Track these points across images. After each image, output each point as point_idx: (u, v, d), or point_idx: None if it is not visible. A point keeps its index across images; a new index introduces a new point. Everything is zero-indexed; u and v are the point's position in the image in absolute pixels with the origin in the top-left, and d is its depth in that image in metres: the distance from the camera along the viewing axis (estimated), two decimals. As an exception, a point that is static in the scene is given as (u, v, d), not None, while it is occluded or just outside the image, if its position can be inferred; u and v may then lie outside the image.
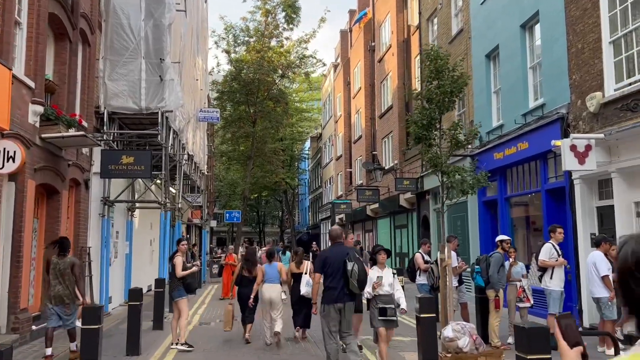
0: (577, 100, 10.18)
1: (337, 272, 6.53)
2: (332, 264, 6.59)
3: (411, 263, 10.77)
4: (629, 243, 1.34)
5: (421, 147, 8.52)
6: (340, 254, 6.64)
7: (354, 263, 6.46)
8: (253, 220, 62.60)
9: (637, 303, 1.28)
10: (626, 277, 1.30)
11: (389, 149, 24.62)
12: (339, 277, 6.50)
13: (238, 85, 27.39)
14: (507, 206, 13.35)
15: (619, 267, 1.34)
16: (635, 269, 1.28)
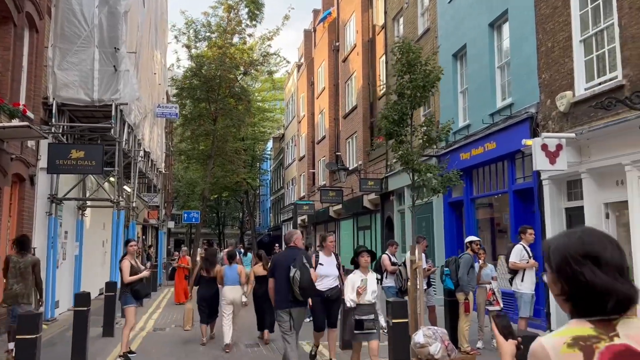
0: (546, 99, 10.03)
1: (284, 277, 6.47)
2: (280, 268, 6.57)
3: (377, 265, 10.39)
4: (562, 239, 1.57)
5: (392, 144, 8.14)
6: (288, 258, 6.56)
7: (296, 269, 6.35)
8: (212, 222, 61.35)
9: (587, 290, 1.46)
10: (572, 267, 1.50)
11: (353, 150, 24.32)
12: (285, 283, 6.44)
13: (198, 82, 26.52)
14: (473, 207, 13.17)
15: (560, 262, 1.52)
16: (580, 259, 1.49)
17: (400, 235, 17.77)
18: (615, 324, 1.47)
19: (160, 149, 22.86)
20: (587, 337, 1.45)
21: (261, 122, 43.08)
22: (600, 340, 1.44)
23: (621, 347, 1.43)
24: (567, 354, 1.44)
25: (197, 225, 26.30)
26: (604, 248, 1.52)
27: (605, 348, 1.43)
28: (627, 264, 1.57)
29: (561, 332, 1.51)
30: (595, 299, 1.47)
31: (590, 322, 1.48)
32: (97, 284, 15.80)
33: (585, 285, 1.47)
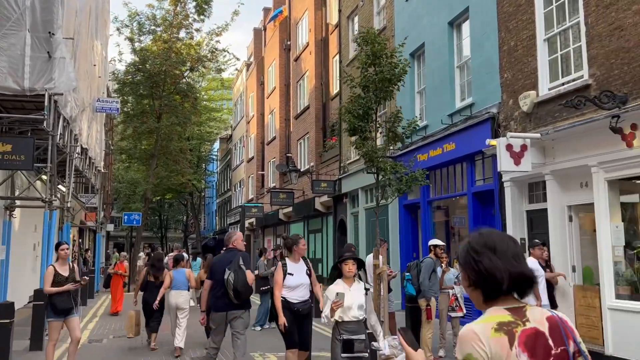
0: (508, 99, 9.81)
1: (219, 280, 6.34)
2: (217, 271, 6.45)
3: (334, 270, 9.83)
4: (467, 239, 1.86)
5: (355, 140, 7.61)
6: (225, 261, 6.43)
7: (231, 272, 6.21)
8: (155, 225, 59.22)
9: (487, 275, 1.74)
10: (473, 257, 1.78)
11: (304, 151, 23.75)
12: (221, 286, 6.31)
13: (142, 77, 25.31)
14: (429, 210, 12.87)
15: (465, 255, 1.81)
16: (480, 249, 1.77)
17: (353, 238, 17.33)
18: (524, 311, 1.74)
19: (99, 147, 21.46)
20: (508, 322, 1.69)
21: (207, 122, 41.86)
22: (518, 325, 1.70)
23: (532, 329, 1.71)
24: (494, 337, 1.67)
25: (139, 228, 24.99)
26: (501, 240, 1.79)
27: (521, 331, 1.69)
28: (523, 255, 1.80)
29: (486, 319, 1.73)
30: (495, 280, 1.73)
31: (506, 310, 1.73)
32: (27, 291, 14.46)
33: (485, 270, 1.74)
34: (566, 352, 1.72)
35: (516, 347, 1.66)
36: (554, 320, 1.76)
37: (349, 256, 5.32)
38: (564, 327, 1.76)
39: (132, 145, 27.29)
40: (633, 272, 7.32)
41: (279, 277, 6.21)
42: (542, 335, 1.70)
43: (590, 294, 8.11)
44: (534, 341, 1.68)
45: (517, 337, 1.67)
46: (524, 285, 1.76)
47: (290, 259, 6.39)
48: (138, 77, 25.73)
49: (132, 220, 22.75)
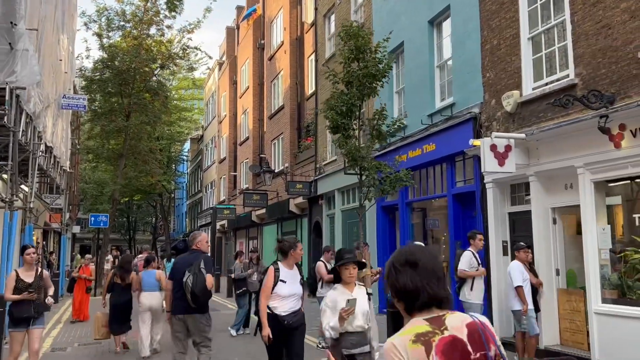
0: (490, 99, 9.63)
1: (180, 282, 6.18)
2: (177, 272, 6.28)
3: (312, 273, 9.49)
4: (394, 253, 2.03)
5: (338, 139, 7.27)
6: (187, 263, 6.26)
7: (190, 274, 6.08)
8: (122, 227, 57.79)
9: (404, 291, 1.88)
10: (393, 273, 1.93)
11: (278, 152, 23.34)
12: (179, 287, 6.16)
13: (110, 74, 24.49)
14: (408, 212, 12.63)
15: (387, 271, 1.99)
16: (399, 266, 1.92)
17: (329, 241, 17.01)
18: (444, 319, 1.83)
19: (65, 145, 20.63)
20: (425, 333, 1.79)
21: (178, 122, 41.01)
22: (435, 334, 1.78)
23: (450, 337, 1.79)
24: (412, 349, 1.76)
25: (106, 229, 24.14)
26: (422, 256, 1.91)
27: (439, 340, 1.77)
28: (442, 269, 1.92)
29: (405, 332, 1.83)
30: (412, 296, 1.86)
31: (425, 320, 1.83)
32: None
33: (404, 287, 1.88)
34: (486, 356, 1.80)
35: (433, 356, 1.74)
36: (473, 325, 1.85)
37: (350, 259, 4.60)
38: (485, 332, 1.85)
39: (100, 144, 26.38)
40: (620, 276, 7.17)
41: (268, 283, 5.39)
42: (460, 342, 1.79)
43: (575, 297, 7.96)
44: (452, 348, 1.77)
45: (434, 347, 1.76)
46: (441, 303, 1.87)
47: (284, 264, 5.56)
48: (106, 74, 24.91)
49: (99, 222, 21.92)
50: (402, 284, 1.88)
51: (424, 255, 1.92)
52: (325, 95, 17.74)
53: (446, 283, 1.91)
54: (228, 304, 16.66)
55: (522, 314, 7.38)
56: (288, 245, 5.62)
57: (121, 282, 9.31)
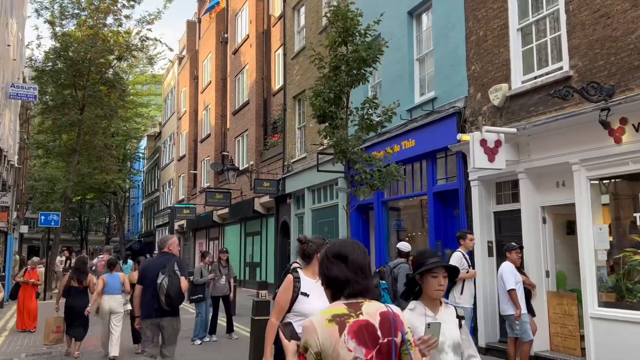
0: (476, 93, 9.21)
1: (151, 284, 6.01)
2: (148, 275, 6.10)
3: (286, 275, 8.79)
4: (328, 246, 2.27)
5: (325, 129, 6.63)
6: (158, 265, 6.09)
7: (165, 276, 5.93)
8: (74, 227, 55.36)
9: (334, 280, 2.14)
10: (326, 264, 2.18)
11: (243, 149, 22.50)
12: (152, 290, 5.98)
13: (64, 64, 23.05)
14: (384, 211, 12.11)
15: (321, 261, 2.23)
16: (332, 257, 2.16)
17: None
18: (361, 305, 2.11)
19: (12, 139, 19.21)
20: (341, 314, 2.07)
21: (134, 118, 39.45)
22: (350, 316, 2.06)
23: (363, 321, 2.06)
24: (327, 327, 2.04)
25: (57, 229, 22.67)
26: (352, 251, 2.18)
27: (353, 322, 2.05)
28: (369, 264, 2.20)
29: (325, 312, 2.11)
30: (340, 286, 2.14)
31: (345, 304, 2.11)
32: None
33: (333, 276, 2.15)
34: (392, 341, 2.05)
35: (345, 335, 2.01)
36: (386, 314, 2.08)
37: (437, 264, 2.89)
38: (394, 321, 2.08)
39: (51, 139, 24.83)
40: (619, 278, 6.83)
41: (285, 296, 3.89)
42: (371, 326, 2.04)
43: (567, 300, 7.59)
44: (364, 330, 2.02)
45: (347, 327, 2.01)
46: (365, 294, 2.12)
47: (307, 271, 4.02)
48: (59, 64, 23.45)
49: (50, 221, 20.45)
50: (334, 274, 2.14)
51: (354, 251, 2.17)
52: (294, 90, 17.09)
53: (371, 276, 2.17)
54: (189, 309, 15.77)
55: (515, 318, 6.93)
56: (314, 247, 4.02)
57: (78, 285, 9.02)
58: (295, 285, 3.88)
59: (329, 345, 2.01)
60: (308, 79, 16.05)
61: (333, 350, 2.00)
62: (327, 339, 2.01)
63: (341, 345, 2.00)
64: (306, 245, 4.10)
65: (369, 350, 2.02)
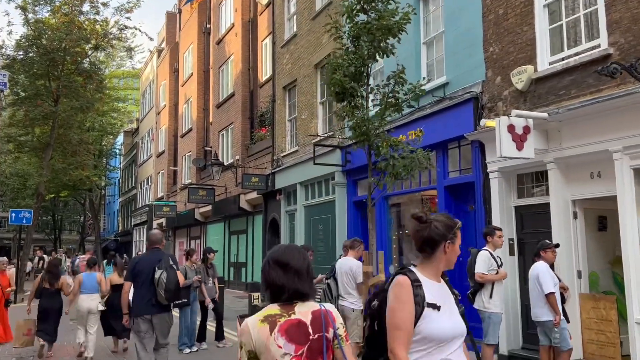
0: (495, 76, 8.43)
1: (146, 280, 6.04)
2: (142, 271, 6.12)
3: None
4: (271, 251, 2.44)
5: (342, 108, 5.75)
6: (152, 260, 6.13)
7: (162, 271, 6.00)
8: (47, 226, 53.39)
9: (272, 285, 2.33)
10: (266, 269, 2.36)
11: (228, 143, 21.46)
12: (148, 286, 6.02)
13: (37, 53, 21.72)
14: (386, 207, 11.29)
15: (263, 266, 2.41)
16: (272, 264, 2.35)
17: (287, 239, 15.43)
18: (294, 306, 2.29)
19: (-20, 130, 17.93)
20: (273, 315, 2.26)
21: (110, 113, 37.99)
22: (282, 316, 2.25)
23: (295, 320, 2.25)
24: (260, 327, 2.23)
25: (29, 228, 21.34)
26: (292, 257, 2.34)
27: (284, 321, 2.24)
28: (308, 269, 2.35)
29: (259, 314, 2.31)
30: (277, 290, 2.30)
31: (278, 305, 2.30)
32: None
33: (271, 282, 2.32)
34: (322, 337, 2.26)
35: (275, 333, 2.22)
36: (318, 312, 2.30)
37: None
38: (326, 318, 2.30)
39: (23, 132, 23.44)
40: (670, 279, 6.11)
41: (405, 315, 2.40)
42: (303, 325, 2.26)
43: (604, 304, 6.85)
44: (295, 328, 2.24)
45: (278, 326, 2.23)
46: (301, 297, 2.31)
47: (426, 270, 2.54)
48: (31, 53, 22.10)
49: (21, 219, 19.15)
50: (272, 279, 2.32)
51: (294, 257, 2.35)
52: (284, 80, 16.17)
53: (310, 281, 2.35)
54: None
55: (554, 325, 6.17)
56: (442, 229, 2.53)
57: (49, 287, 8.96)
58: (417, 294, 2.41)
59: (261, 344, 2.21)
60: (300, 68, 15.16)
61: (265, 348, 2.20)
62: (259, 338, 2.22)
63: (271, 343, 2.20)
64: (429, 227, 2.53)
65: (299, 346, 2.21)
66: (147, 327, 6.09)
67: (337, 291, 6.91)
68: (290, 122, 16.16)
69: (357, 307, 6.76)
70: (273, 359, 2.19)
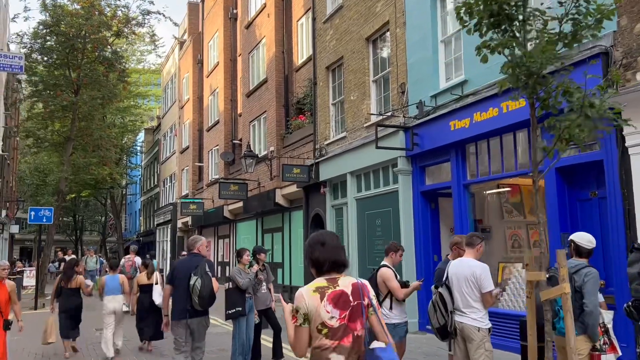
0: (632, 23, 6.59)
1: (182, 285, 6.13)
2: (179, 276, 6.22)
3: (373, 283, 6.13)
4: (310, 237, 3.07)
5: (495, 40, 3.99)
6: (190, 266, 6.18)
7: (197, 277, 6.02)
8: (68, 227, 52.47)
9: (316, 260, 2.93)
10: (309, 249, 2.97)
11: (260, 134, 19.78)
12: (183, 291, 6.10)
13: (55, 41, 20.33)
14: (466, 197, 9.47)
15: (306, 248, 3.03)
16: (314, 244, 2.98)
17: (336, 237, 13.70)
18: (337, 279, 2.87)
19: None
20: (323, 287, 2.83)
21: (131, 109, 36.72)
22: (329, 288, 2.83)
23: (339, 291, 2.83)
24: (312, 295, 2.81)
25: (50, 227, 19.94)
26: (329, 238, 2.98)
27: (331, 292, 2.81)
28: (340, 245, 2.97)
29: (311, 285, 2.87)
30: (321, 263, 2.90)
31: (325, 279, 2.87)
32: None
33: (315, 258, 2.92)
34: (360, 304, 2.82)
35: (325, 301, 2.78)
36: (356, 285, 2.87)
37: None
38: (363, 289, 2.87)
39: (42, 125, 22.06)
40: None
41: None
42: (345, 294, 2.82)
43: None
44: (338, 297, 2.80)
45: (326, 295, 2.79)
46: (339, 266, 2.91)
47: None
48: (50, 41, 20.72)
49: (41, 217, 17.69)
50: (315, 256, 2.91)
51: (329, 237, 2.98)
52: (328, 58, 14.45)
53: (345, 254, 2.96)
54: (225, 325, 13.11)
55: None
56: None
57: (65, 286, 9.28)
58: None
59: (314, 308, 2.78)
60: (348, 43, 13.42)
61: (316, 312, 2.77)
62: (312, 304, 2.78)
63: (322, 308, 2.77)
64: None
65: (342, 311, 2.79)
66: (182, 331, 6.20)
67: (453, 304, 5.15)
68: (335, 106, 14.43)
69: (483, 326, 5.00)
70: (322, 321, 2.78)
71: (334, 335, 2.75)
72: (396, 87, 11.29)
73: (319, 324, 2.76)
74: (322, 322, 2.75)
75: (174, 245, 31.33)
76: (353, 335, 2.78)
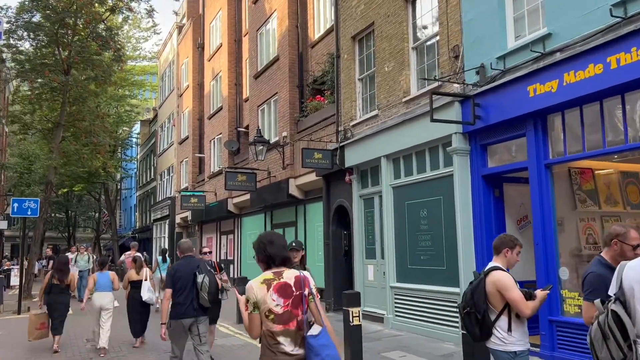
0: None
1: (186, 285, 6.32)
2: (182, 278, 6.34)
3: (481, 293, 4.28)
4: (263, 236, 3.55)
5: None
6: (191, 267, 6.44)
7: (204, 275, 6.37)
8: (60, 223, 50.32)
9: (268, 257, 3.40)
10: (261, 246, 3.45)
11: (270, 119, 17.85)
12: (189, 291, 6.30)
13: (43, 16, 18.36)
14: (549, 180, 7.60)
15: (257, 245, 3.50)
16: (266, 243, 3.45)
17: (365, 233, 11.83)
18: (282, 272, 3.33)
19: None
20: (269, 279, 3.28)
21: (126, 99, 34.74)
22: (275, 280, 3.27)
23: (283, 282, 3.28)
24: (260, 287, 3.26)
25: (36, 221, 17.97)
26: (276, 237, 3.47)
27: (276, 283, 3.27)
28: (285, 243, 3.47)
29: (259, 278, 3.30)
30: (271, 259, 3.37)
31: (272, 272, 3.33)
32: None
33: (267, 254, 3.38)
34: (302, 294, 3.27)
35: (271, 291, 3.24)
36: (298, 277, 3.30)
37: None
38: (304, 281, 3.30)
39: (29, 110, 20.05)
40: None
41: None
42: (288, 285, 3.27)
43: None
44: (283, 288, 3.25)
45: (272, 286, 3.24)
46: (287, 261, 3.39)
47: None
48: (37, 16, 18.75)
49: (26, 210, 15.64)
50: (269, 253, 3.36)
51: (276, 237, 3.47)
52: (354, 26, 12.58)
53: (287, 250, 3.47)
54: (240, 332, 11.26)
55: None
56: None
57: (59, 283, 9.43)
58: None
59: (261, 298, 3.23)
60: (380, 7, 11.57)
61: (263, 300, 3.22)
62: (260, 294, 3.23)
63: (268, 297, 3.22)
64: None
65: (286, 299, 3.24)
66: (182, 331, 6.29)
67: (635, 328, 3.30)
68: (362, 82, 12.56)
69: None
70: (269, 308, 3.21)
71: (279, 320, 3.24)
72: (446, 51, 9.43)
73: (266, 311, 3.25)
74: (269, 309, 3.24)
75: (172, 242, 29.38)
76: (297, 321, 3.27)
